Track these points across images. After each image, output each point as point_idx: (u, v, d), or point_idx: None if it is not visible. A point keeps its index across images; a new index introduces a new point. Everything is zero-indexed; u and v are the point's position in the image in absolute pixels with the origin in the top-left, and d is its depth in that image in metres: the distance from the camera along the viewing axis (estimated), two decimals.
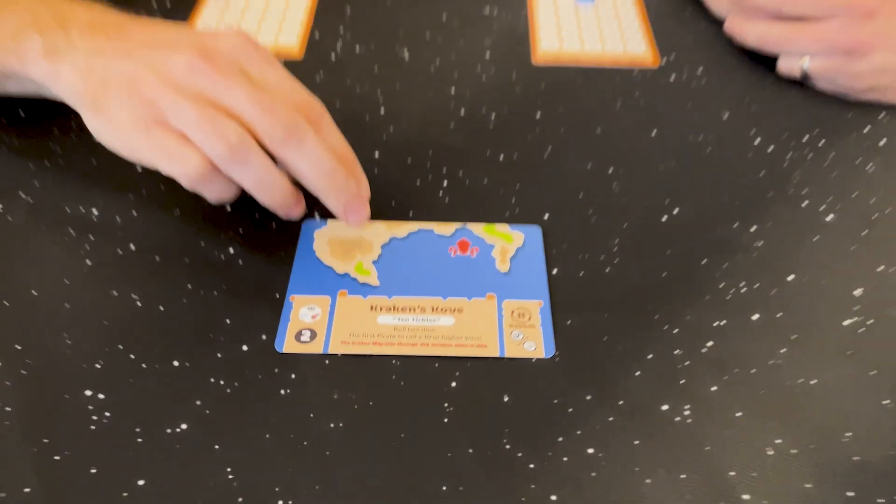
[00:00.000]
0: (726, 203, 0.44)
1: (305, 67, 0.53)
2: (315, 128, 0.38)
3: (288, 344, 0.35)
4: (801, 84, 0.52)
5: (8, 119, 0.48)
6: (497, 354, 0.35)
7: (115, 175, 0.44)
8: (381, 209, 0.42)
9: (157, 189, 0.43)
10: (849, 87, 0.51)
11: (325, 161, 0.37)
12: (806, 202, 0.44)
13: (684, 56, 0.55)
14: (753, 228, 0.42)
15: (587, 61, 0.55)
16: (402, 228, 0.41)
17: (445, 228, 0.41)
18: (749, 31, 0.53)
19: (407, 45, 0.56)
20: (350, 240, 0.40)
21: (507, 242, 0.41)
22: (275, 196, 0.37)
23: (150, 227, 0.42)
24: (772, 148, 0.48)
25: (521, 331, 0.36)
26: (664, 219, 0.43)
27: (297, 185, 0.39)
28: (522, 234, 0.41)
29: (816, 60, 0.51)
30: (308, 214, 0.41)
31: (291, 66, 0.42)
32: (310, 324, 0.36)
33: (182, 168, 0.36)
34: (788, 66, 0.52)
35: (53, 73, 0.38)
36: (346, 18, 0.59)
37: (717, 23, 0.57)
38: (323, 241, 0.40)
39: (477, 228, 0.41)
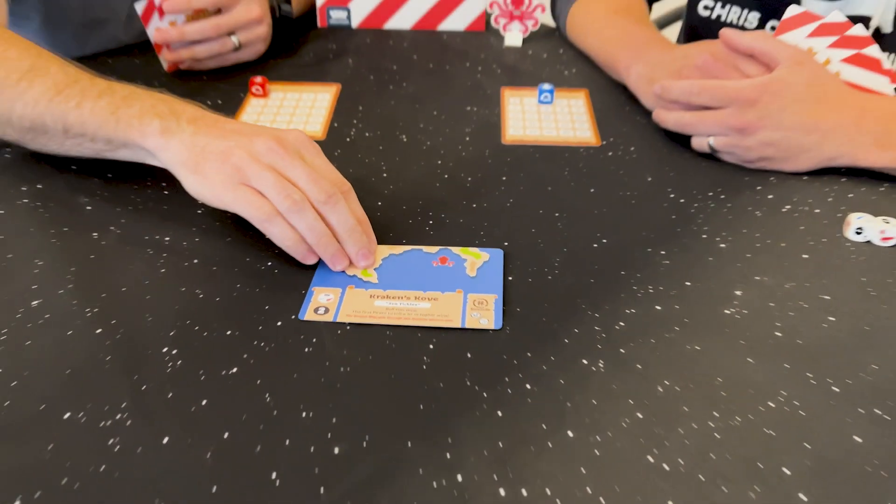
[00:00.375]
0: (643, 236, 0.58)
1: (327, 145, 0.69)
2: (345, 197, 0.54)
3: (308, 315, 0.49)
4: (710, 156, 0.68)
5: (101, 178, 0.63)
6: (459, 326, 0.48)
7: (181, 215, 0.58)
8: (382, 238, 0.56)
9: (213, 223, 0.58)
10: (743, 158, 0.66)
11: (349, 220, 0.53)
12: (705, 235, 0.58)
13: (620, 138, 0.71)
14: (662, 252, 0.56)
15: (544, 142, 0.71)
16: (398, 248, 0.55)
17: (431, 249, 0.55)
18: (669, 118, 0.69)
19: (405, 132, 0.72)
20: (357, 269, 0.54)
21: (476, 259, 0.54)
22: (317, 240, 0.52)
23: (208, 248, 0.56)
24: (683, 200, 0.62)
25: (479, 312, 0.49)
26: (595, 245, 0.57)
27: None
28: (489, 253, 0.55)
29: (718, 138, 0.66)
30: None
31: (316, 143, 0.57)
32: (325, 303, 0.50)
33: (259, 213, 0.51)
34: (699, 143, 0.68)
35: (164, 146, 0.55)
36: (358, 113, 0.75)
37: (648, 114, 0.73)
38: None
39: (455, 249, 0.55)
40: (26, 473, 0.39)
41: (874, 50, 0.65)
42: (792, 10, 0.68)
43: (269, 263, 0.54)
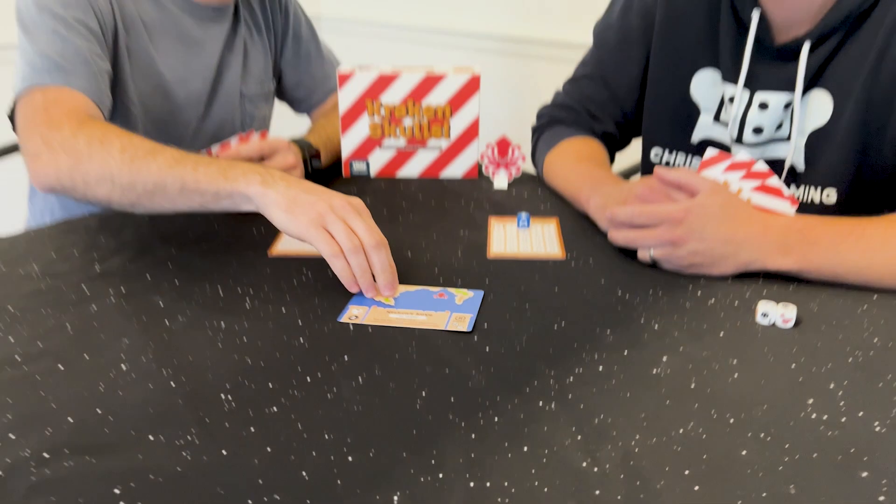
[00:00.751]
0: (594, 321, 0.73)
1: None
2: (384, 248, 0.77)
3: (344, 318, 0.73)
4: (654, 265, 0.84)
5: (170, 284, 0.81)
6: (443, 328, 0.71)
7: (232, 307, 0.75)
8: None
9: (257, 313, 0.74)
10: (678, 265, 0.83)
11: (386, 262, 0.78)
12: (642, 320, 0.74)
13: (582, 253, 0.89)
14: (608, 331, 0.71)
15: (520, 256, 0.88)
16: (412, 287, 0.79)
17: (434, 288, 0.78)
18: (618, 236, 0.87)
19: (410, 249, 0.90)
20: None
21: (465, 295, 0.76)
22: (362, 275, 0.77)
23: (254, 330, 0.72)
24: (628, 297, 0.78)
25: (458, 322, 0.71)
26: (555, 327, 0.72)
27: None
28: (473, 292, 0.76)
29: (657, 250, 0.83)
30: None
31: None
32: (356, 313, 0.73)
33: (330, 249, 0.76)
34: (643, 255, 0.85)
35: (264, 193, 0.79)
36: None
37: (604, 235, 0.91)
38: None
39: (450, 288, 0.78)
40: (124, 472, 0.53)
41: (774, 180, 0.84)
42: (710, 152, 0.88)
43: (301, 340, 0.70)
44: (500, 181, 1.13)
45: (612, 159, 1.15)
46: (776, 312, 0.72)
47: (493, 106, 1.25)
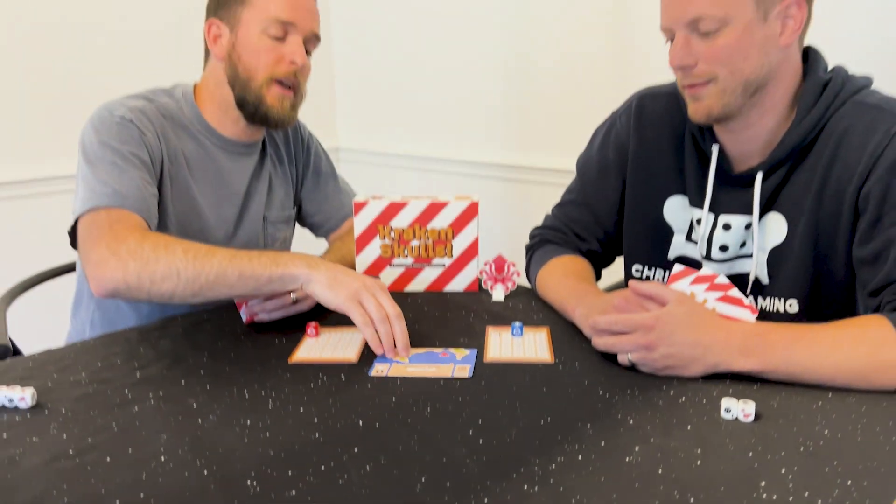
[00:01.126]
0: (576, 416, 0.83)
1: (359, 366, 0.97)
2: (402, 319, 1.00)
3: (373, 372, 0.95)
4: (633, 368, 0.94)
5: (202, 387, 0.91)
6: (449, 376, 0.92)
7: (257, 408, 0.85)
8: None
9: (277, 414, 0.84)
10: (653, 367, 0.92)
11: (403, 330, 1.00)
12: (619, 416, 0.83)
13: (569, 358, 0.99)
14: (588, 426, 0.81)
15: (514, 360, 0.98)
16: (420, 350, 1.02)
17: (438, 349, 0.95)
18: (600, 342, 0.97)
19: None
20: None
21: (463, 353, 1.00)
22: (385, 340, 0.99)
23: (275, 428, 0.81)
24: (608, 395, 0.88)
25: (460, 371, 0.95)
26: (541, 422, 0.81)
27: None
28: (469, 350, 0.96)
29: (633, 355, 0.93)
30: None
31: (349, 366, 0.87)
32: (381, 369, 0.97)
33: (363, 319, 0.99)
34: (622, 359, 0.95)
35: (310, 275, 1.02)
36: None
37: (588, 342, 1.01)
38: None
39: (450, 349, 0.95)
40: None
41: (735, 291, 0.95)
42: (677, 268, 1.00)
43: (316, 434, 0.80)
44: (498, 294, 1.25)
45: (598, 275, 1.27)
46: (737, 408, 0.82)
47: (492, 225, 1.39)
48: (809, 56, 1.06)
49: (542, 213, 1.35)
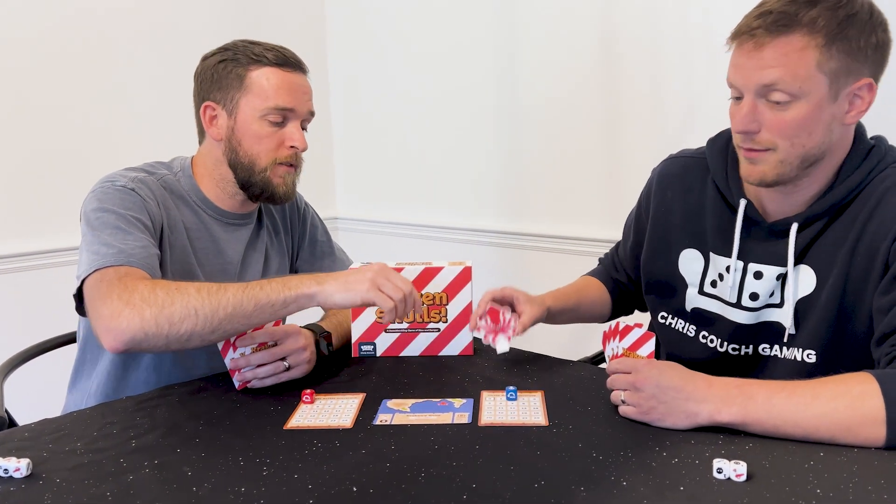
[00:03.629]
0: (569, 479, 0.83)
1: (354, 431, 0.98)
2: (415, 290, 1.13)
3: (378, 421, 1.00)
4: (625, 429, 0.95)
5: (197, 456, 0.91)
6: (450, 422, 0.96)
7: (252, 475, 0.86)
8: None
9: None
10: (640, 410, 0.95)
11: (417, 300, 1.15)
12: (613, 477, 0.83)
13: (563, 421, 1.00)
14: (582, 489, 0.81)
15: (508, 424, 0.99)
16: (420, 400, 1.06)
17: (437, 399, 0.97)
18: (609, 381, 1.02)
19: (408, 422, 1.01)
20: (399, 404, 1.05)
21: (461, 402, 0.99)
22: (403, 311, 1.12)
23: (273, 495, 0.81)
24: (601, 457, 0.88)
25: (460, 418, 0.96)
26: (535, 485, 0.82)
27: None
28: (466, 400, 0.95)
29: (625, 393, 0.96)
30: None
31: (344, 432, 0.88)
32: (385, 419, 1.01)
33: (386, 304, 1.10)
34: (615, 396, 0.99)
35: (321, 289, 1.09)
36: (375, 415, 1.05)
37: (585, 405, 1.02)
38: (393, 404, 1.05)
39: (448, 398, 0.97)
40: None
41: (623, 323, 1.05)
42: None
43: (311, 502, 0.80)
44: (502, 345, 1.21)
45: (618, 306, 1.43)
46: (729, 468, 0.82)
47: (485, 288, 1.41)
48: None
49: (534, 277, 1.39)
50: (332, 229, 2.81)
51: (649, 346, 1.02)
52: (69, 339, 1.48)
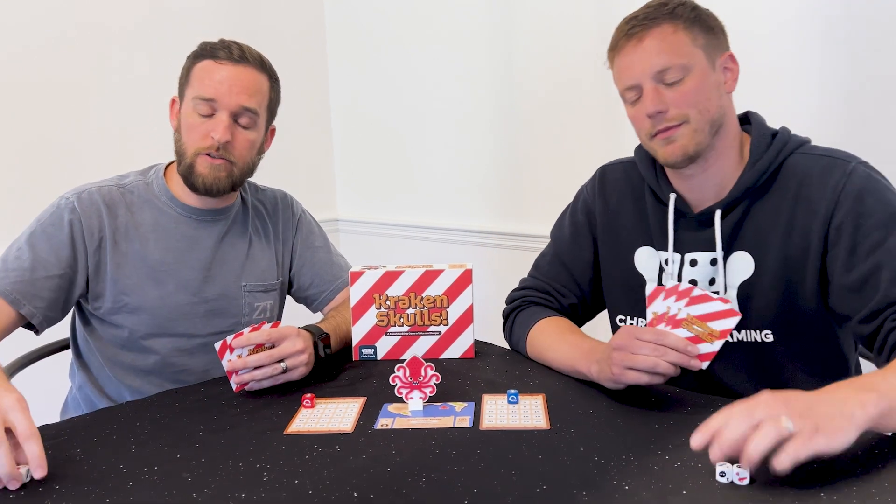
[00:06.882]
0: (570, 483, 0.82)
1: (354, 436, 0.97)
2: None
3: (379, 426, 0.98)
4: (625, 434, 0.94)
5: (197, 461, 0.91)
6: (451, 426, 0.95)
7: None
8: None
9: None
10: (803, 441, 0.76)
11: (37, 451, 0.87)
12: (615, 482, 0.82)
13: (565, 424, 0.99)
14: (584, 493, 0.80)
15: (509, 427, 0.98)
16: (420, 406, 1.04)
17: (438, 403, 0.93)
18: (622, 375, 1.02)
19: (409, 426, 1.01)
20: (401, 408, 1.04)
21: (462, 406, 0.95)
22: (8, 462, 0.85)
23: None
24: (603, 461, 0.88)
25: (461, 422, 0.92)
26: (537, 490, 0.81)
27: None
28: (467, 404, 0.92)
29: (769, 437, 0.77)
30: None
31: (345, 436, 0.87)
32: (386, 423, 0.98)
33: None
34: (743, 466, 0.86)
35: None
36: (375, 415, 1.05)
37: (586, 407, 1.01)
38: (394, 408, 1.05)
39: (450, 402, 0.96)
40: None
41: (698, 290, 1.03)
42: (649, 289, 1.13)
43: (316, 502, 0.79)
44: (415, 404, 1.05)
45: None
46: (732, 471, 0.81)
47: (486, 290, 1.41)
48: (751, 117, 1.19)
49: None
50: (333, 231, 2.82)
51: (729, 324, 0.99)
52: (65, 344, 1.48)
